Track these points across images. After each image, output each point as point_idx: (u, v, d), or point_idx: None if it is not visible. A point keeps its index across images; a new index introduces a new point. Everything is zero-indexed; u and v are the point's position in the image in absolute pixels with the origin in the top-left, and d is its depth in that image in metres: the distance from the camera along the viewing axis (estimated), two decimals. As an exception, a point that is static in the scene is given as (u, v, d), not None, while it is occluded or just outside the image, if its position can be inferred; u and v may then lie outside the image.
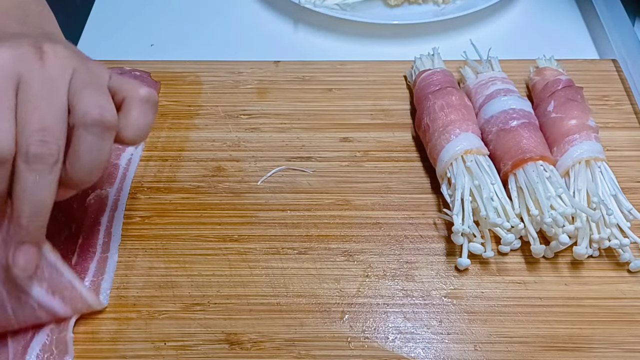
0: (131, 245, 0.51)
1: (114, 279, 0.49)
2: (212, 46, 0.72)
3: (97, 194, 0.53)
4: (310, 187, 0.56)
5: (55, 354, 0.44)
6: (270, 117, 0.61)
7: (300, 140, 0.59)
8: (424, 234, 0.52)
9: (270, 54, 0.69)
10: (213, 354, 0.45)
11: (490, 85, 0.58)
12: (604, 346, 0.45)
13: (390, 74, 0.66)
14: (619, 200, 0.50)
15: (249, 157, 0.58)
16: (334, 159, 0.58)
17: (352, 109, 0.62)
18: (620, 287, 0.49)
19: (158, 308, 0.47)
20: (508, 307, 0.47)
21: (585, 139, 0.53)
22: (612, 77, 0.65)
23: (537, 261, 0.50)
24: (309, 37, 0.74)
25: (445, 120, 0.55)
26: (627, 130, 0.60)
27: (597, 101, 0.62)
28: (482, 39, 0.68)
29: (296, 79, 0.65)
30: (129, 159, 0.57)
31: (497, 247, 0.50)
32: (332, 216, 0.53)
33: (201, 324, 0.47)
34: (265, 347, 0.45)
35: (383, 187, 0.55)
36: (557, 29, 0.75)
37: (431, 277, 0.49)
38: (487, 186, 0.50)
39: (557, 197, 0.49)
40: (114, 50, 0.71)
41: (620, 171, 0.55)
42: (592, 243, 0.49)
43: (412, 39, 0.73)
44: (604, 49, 0.70)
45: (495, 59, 0.62)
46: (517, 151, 0.52)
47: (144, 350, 0.45)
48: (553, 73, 0.60)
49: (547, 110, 0.56)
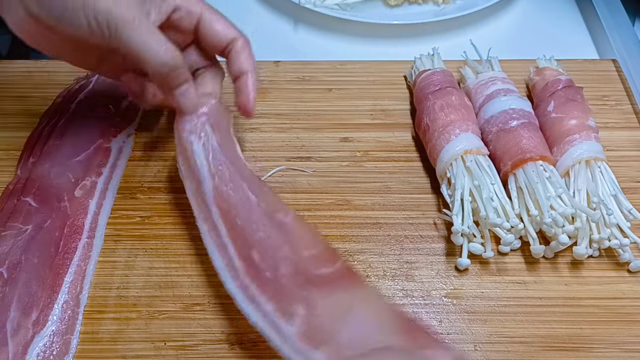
0: (131, 245, 0.51)
1: (114, 279, 0.49)
2: (212, 46, 0.72)
3: (88, 181, 0.54)
4: (310, 187, 0.56)
5: (55, 354, 0.44)
6: (270, 117, 0.61)
7: (300, 140, 0.59)
8: (424, 234, 0.52)
9: (270, 54, 0.69)
10: (213, 354, 0.45)
11: (490, 85, 0.58)
12: (604, 346, 0.45)
13: (390, 74, 0.66)
14: (619, 200, 0.50)
15: (249, 157, 0.58)
16: (334, 159, 0.58)
17: (352, 109, 0.62)
18: (620, 287, 0.49)
19: (158, 308, 0.47)
20: (508, 307, 0.47)
21: (585, 139, 0.53)
22: (612, 77, 0.65)
23: (537, 261, 0.50)
24: (309, 37, 0.74)
25: (445, 120, 0.55)
26: (627, 130, 0.60)
27: (597, 101, 0.62)
28: (482, 39, 0.68)
29: (296, 79, 0.65)
30: (120, 146, 0.58)
31: (497, 247, 0.50)
32: (332, 216, 0.53)
33: (201, 324, 0.47)
34: (265, 347, 0.45)
35: (383, 187, 0.55)
36: (557, 29, 0.75)
37: (431, 277, 0.49)
38: (486, 186, 0.50)
39: (557, 197, 0.49)
40: (114, 50, 0.71)
41: (620, 171, 0.55)
42: (592, 243, 0.49)
43: (412, 39, 0.73)
44: (604, 49, 0.70)
45: (495, 59, 0.62)
46: (517, 151, 0.52)
47: (144, 350, 0.45)
48: (553, 73, 0.60)
49: (547, 110, 0.56)
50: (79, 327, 0.46)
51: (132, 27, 0.43)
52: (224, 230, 0.45)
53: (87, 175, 0.54)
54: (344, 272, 0.43)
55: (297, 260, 0.43)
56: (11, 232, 0.50)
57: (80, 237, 0.51)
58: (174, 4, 0.47)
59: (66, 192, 0.53)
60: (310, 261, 0.43)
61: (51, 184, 0.53)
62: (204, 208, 0.46)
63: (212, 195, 0.46)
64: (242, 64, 0.50)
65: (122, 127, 0.59)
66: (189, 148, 0.48)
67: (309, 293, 0.42)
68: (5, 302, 0.45)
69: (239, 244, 0.44)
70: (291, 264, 0.43)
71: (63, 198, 0.52)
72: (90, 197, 0.53)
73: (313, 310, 0.41)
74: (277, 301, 0.42)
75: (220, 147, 0.48)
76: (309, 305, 0.41)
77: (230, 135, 0.50)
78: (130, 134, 0.59)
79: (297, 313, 0.41)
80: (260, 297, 0.42)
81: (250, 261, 0.43)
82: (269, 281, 0.43)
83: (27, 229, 0.50)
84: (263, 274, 0.43)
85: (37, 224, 0.50)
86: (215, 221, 0.45)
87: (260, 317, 0.41)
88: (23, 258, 0.48)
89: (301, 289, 0.42)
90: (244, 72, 0.51)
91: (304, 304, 0.41)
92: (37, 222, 0.50)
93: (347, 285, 0.43)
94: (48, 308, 0.46)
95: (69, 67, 0.51)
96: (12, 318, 0.45)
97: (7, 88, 0.64)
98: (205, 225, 0.46)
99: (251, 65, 0.51)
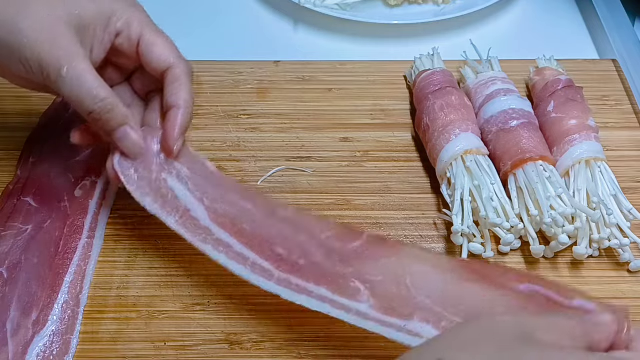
0: (131, 245, 0.51)
1: (114, 279, 0.49)
2: (212, 46, 0.72)
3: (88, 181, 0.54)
4: (310, 187, 0.56)
5: (55, 354, 0.44)
6: (270, 117, 0.61)
7: (300, 140, 0.59)
8: (424, 234, 0.52)
9: (270, 54, 0.69)
10: (213, 354, 0.45)
11: (490, 85, 0.58)
12: (604, 346, 0.45)
13: (390, 74, 0.66)
14: (619, 200, 0.50)
15: (249, 157, 0.58)
16: (334, 159, 0.58)
17: (352, 109, 0.62)
18: (620, 287, 0.49)
19: (158, 308, 0.47)
20: (508, 307, 0.47)
21: (585, 139, 0.53)
22: (612, 77, 0.65)
23: (537, 261, 0.50)
24: (309, 37, 0.74)
25: (445, 120, 0.55)
26: (627, 130, 0.60)
27: (597, 101, 0.62)
28: (482, 39, 0.68)
29: (296, 79, 0.65)
30: None
31: (497, 247, 0.50)
32: (332, 216, 0.53)
33: (201, 324, 0.47)
34: (265, 347, 0.45)
35: (383, 187, 0.55)
36: (557, 29, 0.75)
37: (431, 277, 0.49)
38: (486, 186, 0.50)
39: (557, 197, 0.49)
40: (114, 50, 0.71)
41: (620, 171, 0.55)
42: (592, 243, 0.49)
43: (412, 39, 0.73)
44: (604, 49, 0.70)
45: (495, 59, 0.62)
46: (516, 151, 0.52)
47: (144, 350, 0.45)
48: (553, 73, 0.60)
49: (547, 110, 0.56)
50: (79, 327, 0.46)
51: (62, 73, 0.42)
52: (234, 241, 0.45)
53: (87, 175, 0.54)
54: (374, 240, 0.44)
55: (322, 243, 0.44)
56: (11, 232, 0.50)
57: (80, 237, 0.51)
58: (116, 30, 0.46)
59: (66, 192, 0.53)
60: (334, 241, 0.44)
61: (51, 184, 0.53)
62: (200, 231, 0.45)
63: (207, 216, 0.46)
64: (171, 96, 0.47)
65: (122, 127, 0.59)
66: (163, 185, 0.47)
67: (355, 267, 0.42)
68: (5, 302, 0.45)
69: (257, 246, 0.44)
70: (319, 247, 0.44)
71: (63, 198, 0.52)
72: (90, 197, 0.53)
73: (372, 280, 0.41)
74: (328, 283, 0.42)
75: (193, 173, 0.47)
76: (363, 278, 0.42)
77: (194, 156, 0.49)
78: (130, 134, 0.59)
79: (357, 288, 0.41)
80: (308, 284, 0.42)
81: (277, 257, 0.43)
82: (306, 268, 0.43)
83: (27, 229, 0.50)
84: (297, 263, 0.43)
85: (37, 224, 0.50)
86: (218, 237, 0.45)
87: (319, 302, 0.41)
88: (23, 258, 0.48)
89: (344, 266, 0.43)
90: (172, 106, 0.46)
91: (358, 278, 0.42)
92: (37, 222, 0.50)
93: (386, 249, 0.43)
94: (48, 308, 0.46)
95: (69, 67, 0.51)
96: (12, 318, 0.45)
97: (7, 88, 0.64)
98: (206, 245, 0.45)
99: (183, 99, 0.46)
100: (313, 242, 0.44)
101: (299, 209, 0.47)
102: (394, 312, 0.40)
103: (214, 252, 0.44)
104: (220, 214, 0.46)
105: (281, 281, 0.43)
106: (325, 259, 0.43)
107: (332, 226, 0.45)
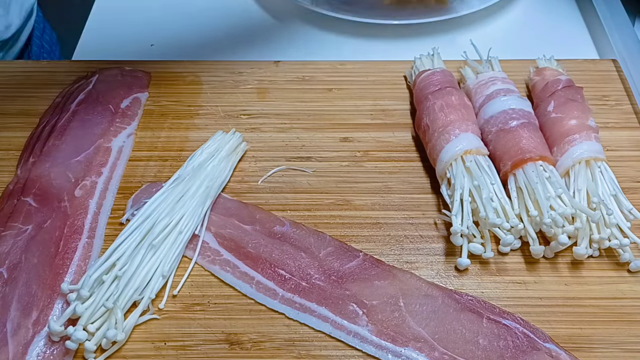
0: (131, 245, 0.51)
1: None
2: (212, 46, 0.72)
3: (88, 181, 0.54)
4: (310, 187, 0.56)
5: (55, 354, 0.44)
6: (270, 117, 0.61)
7: (300, 140, 0.59)
8: (424, 234, 0.52)
9: (270, 54, 0.69)
10: (213, 354, 0.45)
11: (490, 85, 0.58)
12: (604, 346, 0.45)
13: (390, 74, 0.66)
14: (619, 200, 0.50)
15: (249, 157, 0.58)
16: (334, 159, 0.58)
17: (352, 109, 0.62)
18: (620, 287, 0.49)
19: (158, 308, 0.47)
20: (508, 307, 0.47)
21: (585, 139, 0.53)
22: (612, 77, 0.65)
23: (537, 261, 0.50)
24: (309, 37, 0.74)
25: (445, 120, 0.55)
26: (627, 130, 0.60)
27: (597, 101, 0.62)
28: (482, 39, 0.68)
29: (296, 79, 0.65)
30: (120, 146, 0.58)
31: (497, 247, 0.50)
32: (332, 216, 0.53)
33: (201, 324, 0.47)
34: (265, 347, 0.45)
35: (383, 187, 0.55)
36: (557, 29, 0.75)
37: (431, 277, 0.49)
38: (486, 186, 0.50)
39: (557, 197, 0.49)
40: (114, 50, 0.71)
41: (620, 171, 0.55)
42: (592, 243, 0.49)
43: (412, 39, 0.73)
44: (604, 49, 0.70)
45: (495, 59, 0.62)
46: (516, 151, 0.52)
47: (144, 350, 0.45)
48: (553, 73, 0.60)
49: (547, 110, 0.56)
50: (79, 327, 0.46)
51: None
52: (240, 263, 0.49)
53: (87, 175, 0.54)
54: (370, 264, 0.49)
55: (321, 263, 0.48)
56: (11, 232, 0.50)
57: (80, 237, 0.51)
58: None
59: (66, 192, 0.53)
60: (333, 260, 0.49)
61: (51, 184, 0.53)
62: (208, 253, 0.50)
63: (215, 240, 0.51)
64: None
65: (122, 127, 0.59)
66: None
67: (351, 291, 0.47)
68: (5, 302, 0.46)
69: (261, 268, 0.49)
70: (319, 268, 0.48)
71: (63, 198, 0.52)
72: (90, 197, 0.53)
73: (367, 305, 0.46)
74: (329, 305, 0.47)
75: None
76: (361, 302, 0.46)
77: None
78: (130, 134, 0.59)
79: (356, 312, 0.46)
80: (311, 304, 0.47)
81: (280, 278, 0.48)
82: (308, 289, 0.47)
83: (27, 229, 0.50)
84: (299, 284, 0.48)
85: (37, 224, 0.50)
86: (226, 258, 0.50)
87: (321, 322, 0.46)
88: (23, 258, 0.48)
89: (342, 289, 0.47)
90: None
91: (356, 302, 0.46)
92: (37, 222, 0.50)
93: (380, 272, 0.48)
94: (48, 308, 0.46)
95: (69, 67, 0.51)
96: (12, 318, 0.45)
97: (7, 88, 0.64)
98: (214, 265, 0.49)
99: None
100: (314, 263, 0.49)
101: (294, 222, 0.51)
102: (391, 339, 0.45)
103: (223, 271, 0.49)
104: (226, 237, 0.51)
105: (285, 300, 0.47)
106: (325, 281, 0.48)
107: (328, 242, 0.50)
